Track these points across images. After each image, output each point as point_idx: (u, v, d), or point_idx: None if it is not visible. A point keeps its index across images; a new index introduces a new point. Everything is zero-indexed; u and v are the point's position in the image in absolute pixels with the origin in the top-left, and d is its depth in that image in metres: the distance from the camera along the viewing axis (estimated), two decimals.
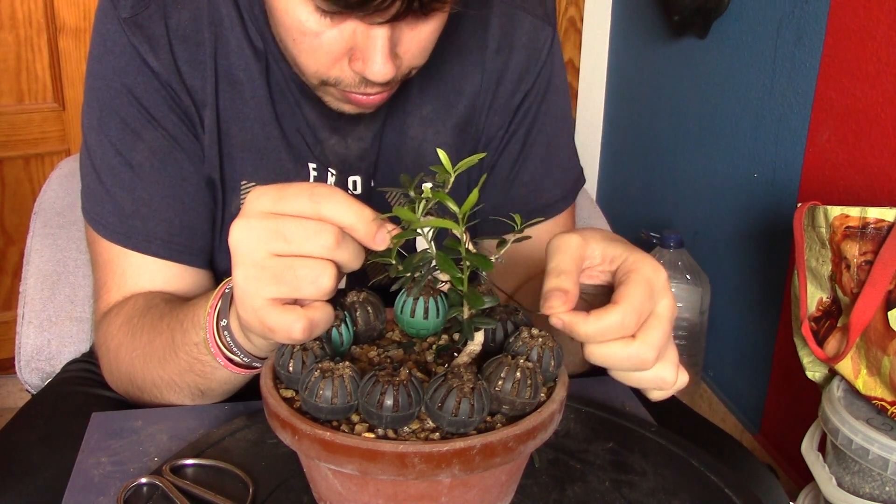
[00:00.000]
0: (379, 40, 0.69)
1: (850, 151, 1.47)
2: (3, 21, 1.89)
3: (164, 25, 0.81)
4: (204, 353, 0.70)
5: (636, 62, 2.35)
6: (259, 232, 0.54)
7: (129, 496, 0.61)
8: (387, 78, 0.71)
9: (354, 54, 0.72)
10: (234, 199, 0.86)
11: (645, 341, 0.56)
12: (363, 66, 0.71)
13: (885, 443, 1.03)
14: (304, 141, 0.86)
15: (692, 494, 0.64)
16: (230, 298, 0.67)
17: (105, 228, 0.83)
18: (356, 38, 0.71)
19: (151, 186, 0.82)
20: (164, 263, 0.83)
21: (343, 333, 0.59)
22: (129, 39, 0.80)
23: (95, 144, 0.83)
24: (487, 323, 0.57)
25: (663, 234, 1.98)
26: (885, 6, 1.37)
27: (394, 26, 0.69)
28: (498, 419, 0.54)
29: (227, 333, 0.68)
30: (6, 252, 2.05)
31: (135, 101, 0.81)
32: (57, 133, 2.01)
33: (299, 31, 0.71)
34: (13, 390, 2.09)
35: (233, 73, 0.83)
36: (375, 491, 0.53)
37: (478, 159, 0.56)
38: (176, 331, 0.73)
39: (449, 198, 0.54)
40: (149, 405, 0.80)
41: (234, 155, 0.85)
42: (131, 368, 0.78)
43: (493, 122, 0.91)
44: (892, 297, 1.03)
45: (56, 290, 1.03)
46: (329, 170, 0.88)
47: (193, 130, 0.83)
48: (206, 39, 0.82)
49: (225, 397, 0.77)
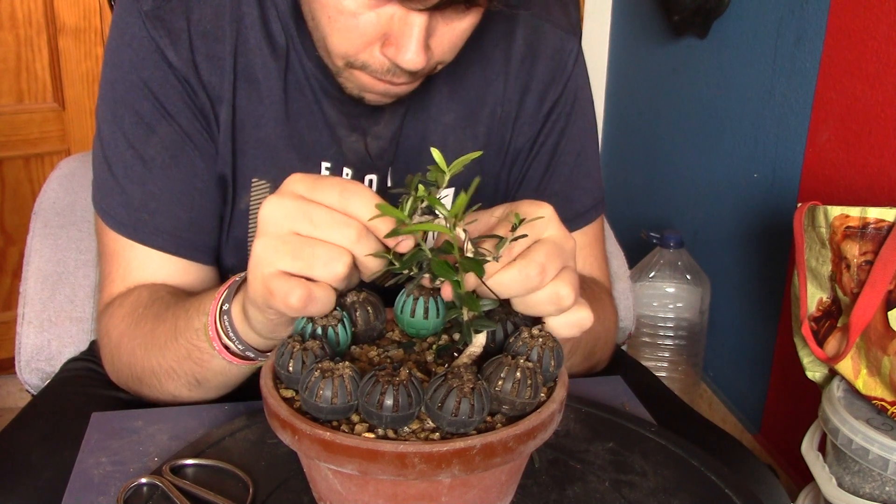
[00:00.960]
0: (416, 28, 0.70)
1: (850, 151, 1.47)
2: (3, 21, 1.89)
3: (186, 20, 0.81)
4: (202, 340, 0.71)
5: (636, 62, 2.35)
6: (289, 210, 0.56)
7: (129, 496, 0.61)
8: (418, 66, 0.71)
9: (388, 39, 0.72)
10: (245, 195, 0.86)
11: (526, 258, 0.57)
12: (396, 52, 0.71)
13: (885, 443, 1.03)
14: (319, 139, 0.86)
15: (692, 494, 0.64)
16: (237, 287, 0.68)
17: (113, 220, 0.83)
18: (392, 24, 0.71)
19: (161, 181, 0.82)
20: (168, 258, 0.83)
21: (340, 333, 0.59)
22: (149, 32, 0.80)
23: (108, 136, 0.83)
24: (487, 325, 0.57)
25: (663, 234, 1.98)
26: (885, 6, 1.37)
27: (432, 16, 0.70)
28: (498, 419, 0.54)
29: (226, 318, 0.69)
30: (6, 252, 2.05)
31: (150, 95, 0.81)
32: (57, 133, 2.02)
33: (336, 8, 0.71)
34: (13, 390, 2.10)
35: (251, 71, 0.83)
36: (375, 491, 0.53)
37: (474, 157, 0.57)
38: (180, 318, 0.74)
39: (438, 202, 0.54)
40: (147, 398, 0.81)
41: (247, 152, 0.85)
42: (132, 357, 0.79)
43: (521, 132, 0.92)
44: (892, 297, 1.03)
45: (56, 290, 1.03)
46: (345, 168, 0.88)
47: (207, 127, 0.83)
48: (227, 36, 0.82)
49: (220, 392, 0.78)
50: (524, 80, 0.90)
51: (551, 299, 0.58)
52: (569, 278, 0.58)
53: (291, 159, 0.86)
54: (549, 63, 0.91)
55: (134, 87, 0.81)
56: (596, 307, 0.89)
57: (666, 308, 1.99)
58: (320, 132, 0.86)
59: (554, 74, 0.91)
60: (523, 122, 0.91)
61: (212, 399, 0.79)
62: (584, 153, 0.95)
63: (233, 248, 0.88)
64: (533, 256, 0.57)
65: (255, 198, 0.86)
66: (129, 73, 0.81)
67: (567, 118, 0.93)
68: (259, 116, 0.84)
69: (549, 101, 0.91)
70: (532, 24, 0.90)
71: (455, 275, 0.54)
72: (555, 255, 0.57)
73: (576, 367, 0.88)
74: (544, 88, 0.91)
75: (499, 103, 0.90)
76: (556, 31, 0.91)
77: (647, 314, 2.00)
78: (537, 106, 0.91)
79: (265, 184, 0.86)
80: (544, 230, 0.59)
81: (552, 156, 0.93)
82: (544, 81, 0.91)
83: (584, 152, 0.95)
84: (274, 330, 0.64)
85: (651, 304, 2.00)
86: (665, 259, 1.99)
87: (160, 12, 0.80)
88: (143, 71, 0.81)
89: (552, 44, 0.91)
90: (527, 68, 0.90)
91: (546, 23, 0.91)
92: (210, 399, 0.79)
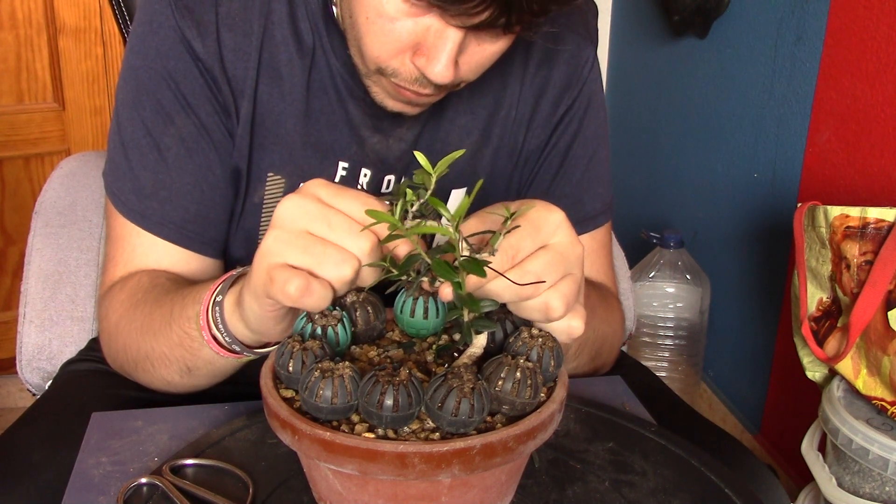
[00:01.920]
0: (450, 42, 0.70)
1: (850, 151, 1.47)
2: (3, 21, 1.90)
3: (215, 13, 0.81)
4: (194, 329, 0.72)
5: (636, 62, 2.35)
6: (308, 209, 0.57)
7: (129, 496, 0.61)
8: (446, 80, 0.72)
9: (420, 49, 0.72)
10: (259, 189, 0.87)
11: (522, 268, 0.56)
12: (426, 63, 0.72)
13: (885, 443, 1.03)
14: (338, 139, 0.87)
15: (692, 494, 0.64)
16: (233, 281, 0.69)
17: (123, 205, 0.84)
18: (428, 35, 0.71)
19: (174, 171, 0.83)
20: (173, 248, 0.84)
21: (340, 333, 0.59)
22: (177, 22, 0.80)
23: (127, 121, 0.84)
24: (488, 326, 0.57)
25: (663, 234, 1.98)
26: (885, 6, 1.37)
27: (467, 33, 0.70)
28: (498, 419, 0.54)
29: (217, 308, 0.69)
30: (6, 252, 2.05)
31: (173, 85, 0.81)
32: (57, 133, 2.02)
33: (376, 11, 0.72)
34: (13, 390, 2.10)
35: (276, 67, 0.83)
36: (375, 491, 0.53)
37: (457, 156, 0.57)
38: (176, 305, 0.75)
39: (441, 203, 0.54)
40: (142, 382, 0.82)
41: (266, 146, 0.85)
42: (128, 339, 0.80)
43: (535, 135, 0.93)
44: (892, 297, 1.03)
45: (57, 289, 1.04)
46: (363, 169, 0.88)
47: (227, 120, 0.84)
48: (255, 30, 0.82)
49: (211, 381, 0.79)
50: (540, 84, 0.91)
51: (541, 309, 0.58)
52: (565, 288, 0.58)
53: (308, 157, 0.86)
54: (565, 69, 0.92)
55: (158, 75, 0.82)
56: (604, 310, 0.90)
57: (666, 308, 1.99)
58: (340, 131, 0.86)
59: (570, 80, 0.92)
60: (537, 125, 0.92)
61: (204, 387, 0.80)
62: (596, 158, 0.95)
63: (242, 240, 0.89)
64: (529, 266, 0.57)
65: (270, 192, 0.87)
66: (154, 62, 0.82)
67: (580, 122, 0.93)
68: (279, 112, 0.85)
69: (563, 105, 0.92)
70: (551, 29, 0.91)
71: (456, 276, 0.54)
72: (556, 263, 0.57)
73: (581, 368, 0.88)
74: (560, 93, 0.92)
75: (514, 106, 0.91)
76: (573, 38, 0.92)
77: (647, 314, 2.00)
78: (552, 110, 0.92)
79: (280, 179, 0.86)
80: (552, 235, 0.58)
81: (563, 158, 0.93)
82: (560, 87, 0.92)
83: (596, 157, 0.95)
84: (264, 323, 0.64)
85: (651, 304, 2.00)
86: (665, 259, 1.99)
87: (189, 2, 0.81)
88: (168, 61, 0.81)
89: (569, 50, 0.92)
90: (543, 73, 0.91)
91: (565, 28, 0.91)
92: (203, 387, 0.80)
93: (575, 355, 0.86)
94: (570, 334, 0.60)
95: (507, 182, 0.94)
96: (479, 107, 0.90)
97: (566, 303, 0.58)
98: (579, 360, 0.87)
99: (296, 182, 0.87)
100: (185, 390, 0.80)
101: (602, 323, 0.88)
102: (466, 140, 0.90)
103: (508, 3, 0.65)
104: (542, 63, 0.91)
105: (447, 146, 0.90)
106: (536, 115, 0.92)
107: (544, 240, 0.58)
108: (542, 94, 0.92)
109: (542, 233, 0.58)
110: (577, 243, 0.59)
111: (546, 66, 0.91)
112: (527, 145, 0.93)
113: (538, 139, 0.93)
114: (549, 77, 0.91)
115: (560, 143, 0.93)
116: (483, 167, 0.92)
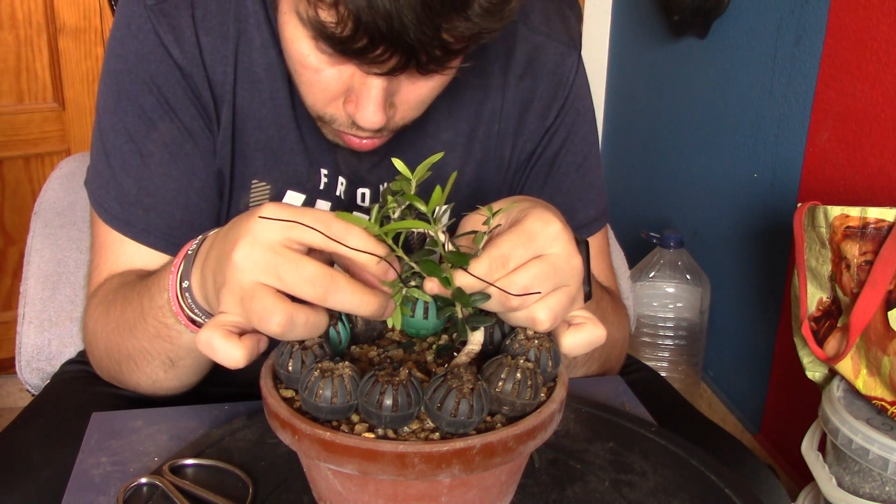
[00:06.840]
0: (374, 89, 0.70)
1: (850, 151, 1.47)
2: (3, 21, 1.90)
3: (191, 16, 0.80)
4: (169, 317, 0.70)
5: (636, 62, 2.35)
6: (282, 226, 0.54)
7: (129, 496, 0.61)
8: (376, 126, 0.72)
9: (350, 96, 0.73)
10: (244, 196, 0.86)
11: (509, 280, 0.56)
12: (355, 109, 0.72)
13: (885, 443, 1.03)
14: (318, 145, 0.86)
15: (692, 494, 0.64)
16: (192, 260, 0.66)
17: (106, 213, 0.83)
18: (353, 81, 0.71)
19: (158, 178, 0.82)
20: (158, 255, 0.83)
21: (341, 333, 0.59)
22: (154, 27, 0.80)
23: (109, 127, 0.82)
24: (483, 321, 0.57)
25: (663, 234, 1.98)
26: (885, 6, 1.37)
27: (390, 78, 0.69)
28: (498, 419, 0.54)
29: (188, 295, 0.67)
30: (6, 252, 2.05)
31: (155, 90, 0.81)
32: (57, 133, 2.02)
33: (301, 63, 0.72)
34: (13, 390, 2.10)
35: (253, 71, 0.83)
36: (375, 491, 0.53)
37: (436, 159, 0.57)
38: (144, 296, 0.73)
39: (418, 199, 0.54)
40: (130, 386, 0.81)
41: (248, 153, 0.85)
42: (108, 342, 0.79)
43: (524, 149, 0.92)
44: (892, 297, 1.03)
45: (56, 290, 1.03)
46: (340, 178, 0.88)
47: (209, 125, 0.83)
48: (230, 34, 0.81)
49: (197, 373, 0.78)
50: (524, 97, 0.90)
51: (527, 322, 0.57)
52: (554, 302, 0.57)
53: (295, 163, 0.85)
54: (550, 80, 0.91)
55: (139, 80, 0.81)
56: (615, 315, 0.90)
57: (666, 308, 1.99)
58: (320, 138, 0.86)
59: (556, 91, 0.91)
60: (525, 139, 0.91)
61: (193, 383, 0.79)
62: (586, 164, 0.95)
63: None
64: (517, 278, 0.56)
65: (255, 198, 0.86)
66: (134, 66, 0.81)
67: (568, 130, 0.93)
68: (261, 118, 0.84)
69: (550, 116, 0.91)
70: (531, 40, 0.90)
71: (443, 272, 0.54)
72: (547, 275, 0.57)
73: (591, 372, 0.88)
74: (546, 105, 0.91)
75: (496, 119, 0.90)
76: (556, 46, 0.91)
77: (647, 314, 2.00)
78: (539, 122, 0.91)
79: (265, 185, 0.85)
80: (549, 246, 0.58)
81: (551, 167, 0.93)
82: (546, 98, 0.91)
83: (586, 164, 0.95)
84: None
85: (651, 304, 2.00)
86: (665, 259, 1.99)
87: (164, 7, 0.80)
88: (149, 65, 0.80)
89: (552, 59, 0.91)
90: (527, 85, 0.90)
91: (546, 38, 0.91)
92: (189, 383, 0.79)
93: (586, 359, 0.86)
94: (568, 352, 0.59)
95: (496, 196, 0.93)
96: (458, 119, 0.89)
97: (553, 316, 0.57)
98: (589, 366, 0.87)
99: (282, 189, 0.86)
100: (174, 388, 0.79)
101: (612, 327, 0.88)
102: (448, 154, 0.89)
103: (410, 50, 0.64)
104: (524, 75, 0.90)
105: (421, 160, 0.88)
106: (523, 129, 0.91)
107: (539, 250, 0.57)
108: (528, 107, 0.90)
109: (537, 243, 0.57)
110: (573, 255, 0.58)
111: (529, 77, 0.90)
112: (515, 159, 0.92)
113: (527, 152, 0.92)
114: (534, 89, 0.90)
115: (546, 152, 0.92)
116: (468, 182, 0.91)
